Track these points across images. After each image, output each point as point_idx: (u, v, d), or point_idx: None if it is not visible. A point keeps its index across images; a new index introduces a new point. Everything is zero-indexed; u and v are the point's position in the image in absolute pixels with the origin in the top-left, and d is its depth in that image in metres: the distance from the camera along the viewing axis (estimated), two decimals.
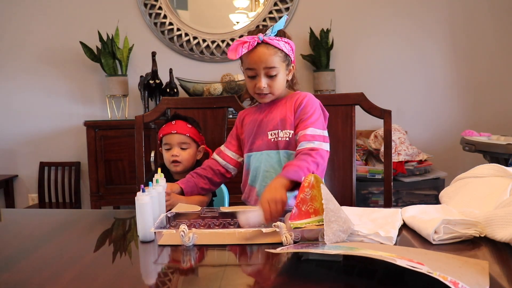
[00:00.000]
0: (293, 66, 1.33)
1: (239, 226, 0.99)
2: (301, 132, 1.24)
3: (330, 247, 0.77)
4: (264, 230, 0.94)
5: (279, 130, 1.28)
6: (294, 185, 1.09)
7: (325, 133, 1.26)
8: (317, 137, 1.22)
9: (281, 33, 1.26)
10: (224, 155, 1.40)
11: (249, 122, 1.37)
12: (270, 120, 1.31)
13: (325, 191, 0.87)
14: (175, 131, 1.46)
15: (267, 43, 1.23)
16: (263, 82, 1.25)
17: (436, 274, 0.60)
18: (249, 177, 1.34)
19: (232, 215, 1.06)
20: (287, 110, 1.30)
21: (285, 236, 0.89)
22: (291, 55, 1.29)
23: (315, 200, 0.92)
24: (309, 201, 0.92)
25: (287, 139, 1.27)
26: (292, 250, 0.79)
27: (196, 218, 1.06)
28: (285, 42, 1.26)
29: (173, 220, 1.05)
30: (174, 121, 1.49)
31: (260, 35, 1.22)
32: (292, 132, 1.27)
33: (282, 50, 1.25)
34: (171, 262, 0.87)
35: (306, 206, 0.92)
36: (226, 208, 1.13)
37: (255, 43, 1.22)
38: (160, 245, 0.93)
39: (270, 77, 1.26)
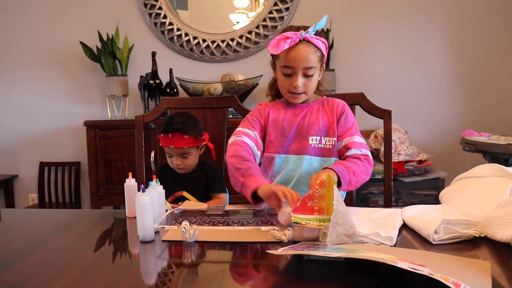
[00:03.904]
0: (323, 67, 1.30)
1: (242, 224, 1.00)
2: (348, 139, 1.25)
3: (332, 249, 0.77)
4: (263, 228, 0.95)
5: (322, 137, 1.26)
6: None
7: (365, 142, 1.29)
8: (364, 146, 1.25)
9: (318, 33, 1.24)
10: (260, 146, 1.29)
11: (279, 120, 1.30)
12: (310, 125, 1.27)
13: (337, 193, 0.87)
14: (173, 146, 1.46)
15: (308, 41, 1.19)
16: (300, 81, 1.22)
17: (438, 276, 0.60)
18: (277, 178, 1.29)
19: (237, 213, 1.07)
20: (329, 116, 1.28)
21: (285, 234, 0.89)
22: (326, 55, 1.27)
23: (322, 199, 0.92)
24: (316, 198, 0.91)
25: (331, 146, 1.26)
26: (293, 252, 0.79)
27: (201, 216, 1.07)
28: (323, 42, 1.23)
29: (179, 217, 1.06)
30: (171, 134, 1.46)
31: (303, 32, 1.19)
32: (335, 139, 1.27)
33: (321, 50, 1.22)
34: (171, 262, 0.87)
35: (312, 202, 0.91)
36: (231, 206, 1.14)
37: (297, 40, 1.18)
38: (163, 241, 0.94)
39: (307, 76, 1.23)
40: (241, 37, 2.97)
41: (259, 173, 1.14)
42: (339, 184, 1.07)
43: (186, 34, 2.99)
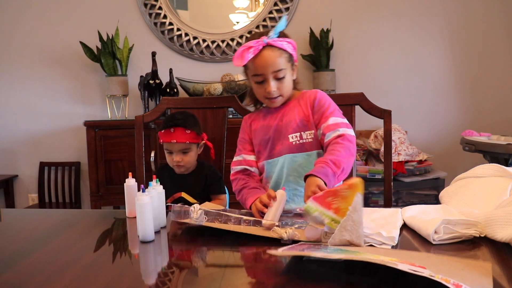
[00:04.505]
0: (296, 65, 1.31)
1: (253, 224, 1.01)
2: (324, 124, 1.23)
3: (332, 251, 0.77)
4: (264, 221, 0.96)
5: (301, 132, 1.26)
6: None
7: (346, 120, 1.25)
8: (340, 124, 1.22)
9: (281, 34, 1.24)
10: (251, 162, 1.34)
11: (259, 128, 1.33)
12: (288, 123, 1.28)
13: (357, 201, 0.84)
14: (175, 141, 1.46)
15: (271, 46, 1.21)
16: (273, 86, 1.23)
17: (438, 277, 0.60)
18: (271, 183, 1.30)
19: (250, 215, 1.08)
20: (304, 110, 1.28)
21: (286, 231, 0.89)
22: (294, 54, 1.27)
23: (344, 200, 0.89)
24: (339, 196, 0.89)
25: (312, 139, 1.26)
26: (294, 253, 0.78)
27: (217, 215, 1.08)
28: (288, 42, 1.24)
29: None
30: (173, 129, 1.46)
31: (264, 38, 1.19)
32: (313, 131, 1.26)
33: (287, 51, 1.23)
34: (171, 261, 0.87)
35: (333, 199, 0.89)
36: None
37: (260, 47, 1.20)
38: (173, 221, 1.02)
39: (279, 79, 1.24)
40: (241, 37, 2.97)
41: (246, 195, 1.22)
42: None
43: (186, 34, 2.99)
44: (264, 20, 2.95)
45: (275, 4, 2.93)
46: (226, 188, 1.64)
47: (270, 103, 1.29)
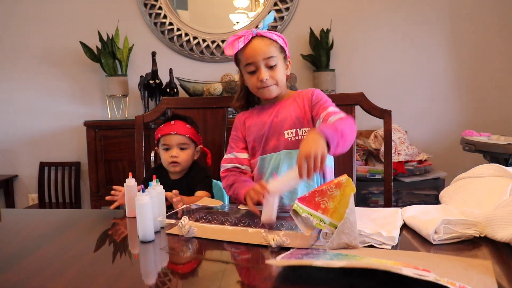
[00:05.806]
0: (289, 62, 1.34)
1: (248, 225, 0.99)
2: (323, 113, 1.23)
3: (332, 256, 0.76)
4: (250, 230, 0.95)
5: (297, 129, 1.27)
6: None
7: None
8: (340, 112, 1.22)
9: (271, 29, 1.28)
10: (243, 160, 1.34)
11: (253, 125, 1.33)
12: (283, 120, 1.28)
13: (352, 202, 0.84)
14: (175, 132, 1.44)
15: (261, 36, 1.25)
16: (265, 73, 1.25)
17: (444, 281, 0.60)
18: (265, 179, 1.28)
19: (251, 215, 1.07)
20: (300, 107, 1.29)
21: (273, 238, 0.88)
22: (286, 49, 1.30)
23: (332, 200, 0.88)
24: (326, 196, 0.88)
25: None
26: (293, 262, 0.77)
27: (214, 213, 1.07)
28: (278, 35, 1.28)
29: (193, 213, 1.07)
30: (173, 122, 1.46)
31: (253, 29, 1.25)
32: (309, 128, 1.26)
33: (277, 42, 1.27)
34: (171, 262, 0.87)
35: (321, 199, 0.88)
36: (244, 206, 1.17)
37: (250, 37, 1.24)
38: (168, 234, 1.00)
39: (271, 67, 1.26)
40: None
41: (238, 189, 1.22)
42: (328, 148, 1.01)
43: (186, 34, 2.99)
44: None
45: (275, 4, 2.93)
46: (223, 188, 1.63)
47: (264, 92, 1.29)
